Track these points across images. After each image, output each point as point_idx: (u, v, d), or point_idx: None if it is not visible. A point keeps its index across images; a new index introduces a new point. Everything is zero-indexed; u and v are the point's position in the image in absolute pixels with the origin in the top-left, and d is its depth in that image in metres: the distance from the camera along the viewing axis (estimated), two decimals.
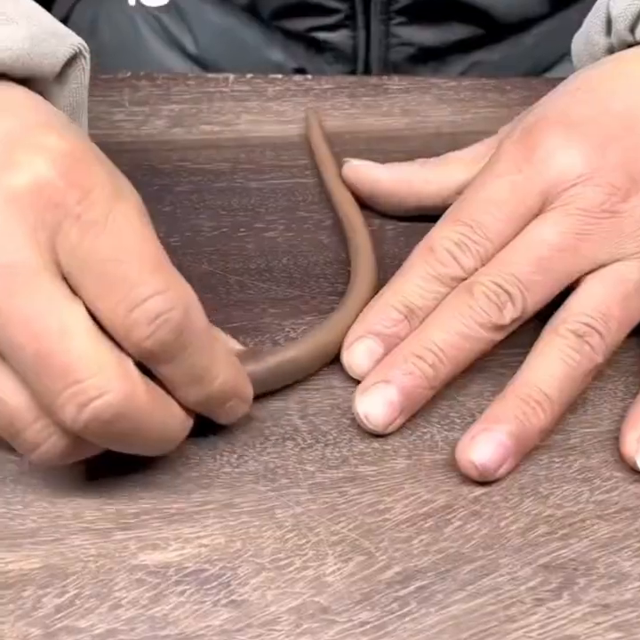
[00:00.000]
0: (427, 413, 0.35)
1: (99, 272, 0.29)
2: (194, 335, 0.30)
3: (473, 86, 0.51)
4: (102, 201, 0.29)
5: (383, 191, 0.42)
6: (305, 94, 0.50)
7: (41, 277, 0.28)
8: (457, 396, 0.35)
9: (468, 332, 0.34)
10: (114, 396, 0.28)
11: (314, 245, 0.42)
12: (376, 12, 0.57)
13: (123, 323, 0.28)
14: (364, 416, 0.34)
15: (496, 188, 0.36)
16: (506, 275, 0.35)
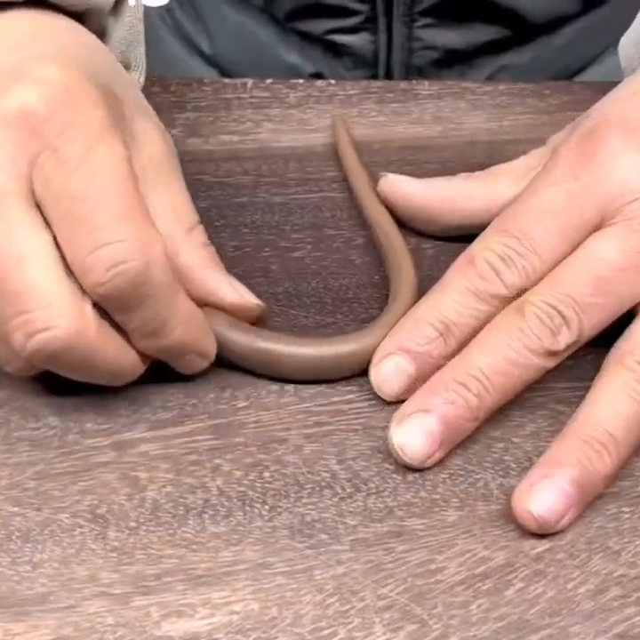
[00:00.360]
0: (479, 457, 0.31)
1: (66, 209, 0.29)
2: (152, 290, 0.30)
3: (509, 91, 0.48)
4: (83, 138, 0.29)
5: (423, 208, 0.38)
6: (329, 100, 0.47)
7: (10, 202, 0.29)
8: (511, 438, 0.32)
9: (517, 358, 0.31)
10: (60, 332, 0.28)
11: (345, 266, 0.38)
12: (399, 14, 0.54)
13: (81, 264, 0.29)
14: (400, 448, 0.31)
15: (549, 196, 0.33)
16: (560, 295, 0.31)
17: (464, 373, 0.31)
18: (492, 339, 0.32)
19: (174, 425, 0.32)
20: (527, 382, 0.32)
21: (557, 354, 0.31)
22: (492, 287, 0.32)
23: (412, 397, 0.32)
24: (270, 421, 0.32)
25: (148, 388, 0.33)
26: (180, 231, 0.33)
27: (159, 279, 0.30)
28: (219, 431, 0.32)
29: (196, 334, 0.32)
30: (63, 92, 0.30)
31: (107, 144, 0.29)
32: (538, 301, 0.31)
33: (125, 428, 0.32)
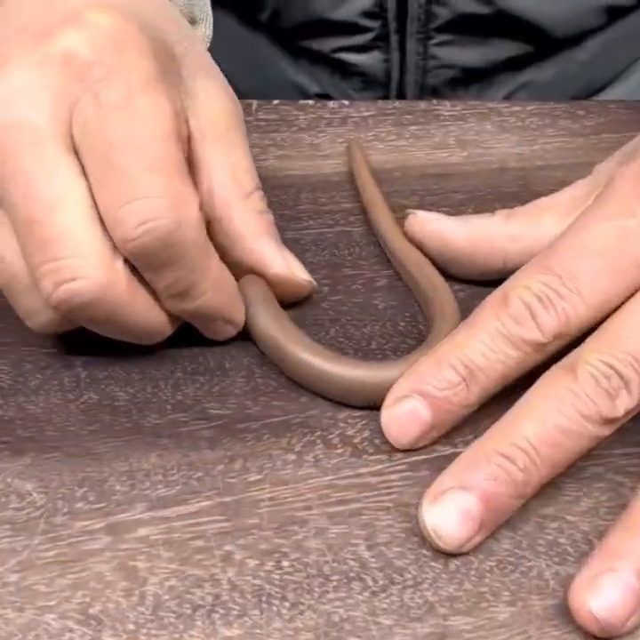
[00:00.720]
0: (530, 540, 0.27)
1: (101, 155, 0.28)
2: (183, 251, 0.29)
3: (539, 111, 0.44)
4: (127, 85, 0.28)
5: (458, 250, 0.34)
6: (342, 123, 0.43)
7: (49, 143, 0.28)
8: (566, 515, 0.28)
9: (569, 426, 0.27)
10: (88, 283, 0.28)
11: (366, 312, 0.34)
12: (412, 31, 0.50)
13: (112, 216, 0.28)
14: (433, 530, 0.26)
15: (600, 232, 0.29)
16: (619, 352, 0.27)
17: (508, 444, 0.27)
18: (540, 403, 0.27)
19: (177, 504, 0.28)
20: (580, 453, 0.27)
21: (615, 421, 0.27)
22: (526, 331, 0.28)
23: (448, 470, 0.28)
24: (288, 498, 0.28)
25: (147, 456, 0.29)
26: (236, 196, 0.32)
27: (191, 240, 0.29)
28: (229, 511, 0.28)
29: (225, 300, 0.31)
30: (110, 39, 0.29)
31: (150, 95, 0.29)
32: (593, 359, 0.27)
33: (121, 507, 0.28)
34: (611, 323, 0.28)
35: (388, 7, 0.49)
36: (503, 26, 0.51)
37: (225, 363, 0.32)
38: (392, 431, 0.29)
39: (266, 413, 0.30)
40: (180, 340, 0.32)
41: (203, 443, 0.29)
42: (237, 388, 0.31)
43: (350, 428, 0.30)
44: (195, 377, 0.32)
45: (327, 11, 0.49)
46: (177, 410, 0.30)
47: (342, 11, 0.49)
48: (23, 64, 0.29)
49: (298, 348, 0.31)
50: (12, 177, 0.28)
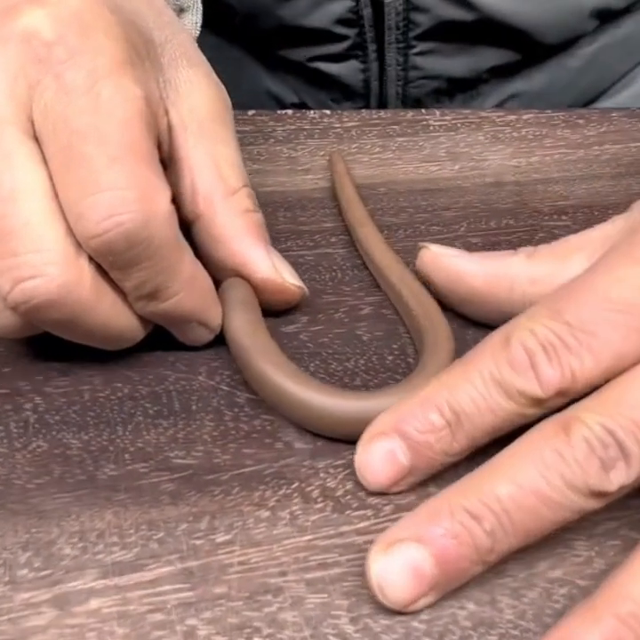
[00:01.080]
0: (536, 609, 0.24)
1: (64, 143, 0.26)
2: (152, 248, 0.26)
3: (537, 120, 0.41)
4: (91, 68, 0.26)
5: (473, 291, 0.30)
6: (323, 135, 0.40)
7: (7, 128, 0.26)
8: (576, 580, 0.24)
9: (550, 494, 0.23)
10: (48, 282, 0.26)
11: (350, 344, 0.31)
12: (391, 40, 0.47)
13: (73, 208, 0.26)
14: (378, 584, 0.23)
15: (624, 279, 0.25)
16: (623, 419, 0.24)
17: (477, 501, 0.24)
18: (522, 460, 0.24)
19: (134, 570, 0.24)
20: (559, 524, 0.24)
21: (606, 495, 0.24)
22: (523, 382, 0.25)
23: (407, 519, 0.24)
24: (260, 563, 0.25)
25: (102, 514, 0.26)
26: (220, 193, 0.30)
27: (160, 236, 0.26)
28: (193, 578, 0.24)
29: (199, 302, 0.29)
30: (75, 18, 0.27)
31: (116, 79, 0.26)
32: (591, 421, 0.24)
33: (70, 575, 0.24)
34: (618, 384, 0.25)
35: (364, 14, 0.46)
36: (488, 33, 0.48)
37: (191, 404, 0.29)
38: (365, 472, 0.26)
39: (236, 463, 0.27)
40: (143, 374, 0.29)
41: (165, 497, 0.26)
42: (205, 434, 0.28)
43: (331, 478, 0.27)
44: (157, 421, 0.28)
45: (300, 17, 0.46)
46: (136, 459, 0.27)
47: (316, 17, 0.46)
48: None
49: (266, 365, 0.28)
50: None
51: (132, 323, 0.28)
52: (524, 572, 0.25)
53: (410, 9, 0.45)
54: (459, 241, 0.35)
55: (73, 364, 0.30)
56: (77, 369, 0.30)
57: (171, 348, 0.30)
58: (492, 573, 0.24)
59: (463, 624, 0.24)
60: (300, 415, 0.28)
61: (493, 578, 0.24)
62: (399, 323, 0.32)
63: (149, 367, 0.30)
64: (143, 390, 0.29)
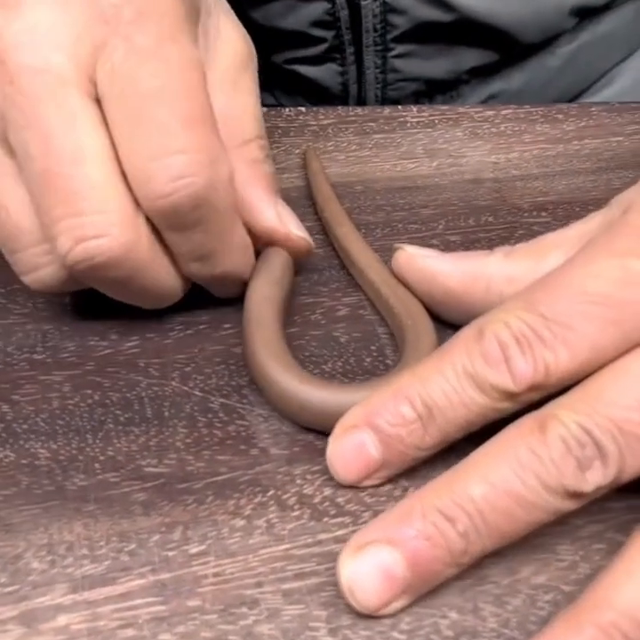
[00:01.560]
0: (520, 617, 0.23)
1: (132, 105, 0.26)
2: (213, 213, 0.27)
3: (515, 116, 0.40)
4: (159, 29, 0.26)
5: (449, 292, 0.29)
6: (299, 132, 0.39)
7: (70, 90, 0.26)
8: (561, 585, 0.23)
9: (525, 494, 0.23)
10: (111, 242, 0.26)
11: (327, 346, 0.30)
12: (369, 43, 0.45)
13: (141, 170, 0.26)
14: (348, 587, 0.23)
15: (600, 271, 0.24)
16: (601, 417, 0.23)
17: (450, 501, 0.23)
18: (496, 460, 0.23)
19: (104, 583, 0.23)
20: (535, 525, 0.23)
21: (582, 496, 0.23)
22: (496, 376, 0.24)
23: (378, 520, 0.23)
24: (236, 573, 0.24)
25: (71, 526, 0.25)
26: (233, 142, 0.30)
27: (222, 201, 0.27)
28: (165, 591, 0.23)
29: (244, 265, 0.30)
30: None
31: (180, 42, 0.27)
32: (568, 420, 0.23)
33: (38, 590, 0.23)
34: (596, 380, 0.24)
35: (341, 17, 0.45)
36: (467, 33, 0.47)
37: (164, 411, 0.28)
38: (336, 465, 0.25)
39: (210, 470, 0.26)
40: (113, 380, 0.28)
41: (136, 508, 0.25)
42: (178, 441, 0.27)
43: (308, 485, 0.26)
44: (128, 428, 0.27)
45: (276, 19, 0.45)
46: (107, 469, 0.26)
47: (292, 20, 0.45)
48: (43, 1, 0.26)
49: (261, 349, 0.28)
50: (29, 125, 0.26)
51: (177, 283, 0.29)
52: (507, 578, 0.24)
53: (387, 11, 0.44)
54: (437, 239, 0.34)
55: (41, 370, 0.29)
56: (45, 376, 0.29)
57: (141, 355, 0.29)
58: (474, 580, 0.24)
59: (445, 634, 0.23)
60: (281, 404, 0.27)
61: (476, 585, 0.24)
62: (377, 324, 0.31)
63: (120, 373, 0.29)
64: (114, 397, 0.28)
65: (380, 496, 0.26)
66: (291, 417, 0.27)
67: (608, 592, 0.21)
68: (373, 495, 0.26)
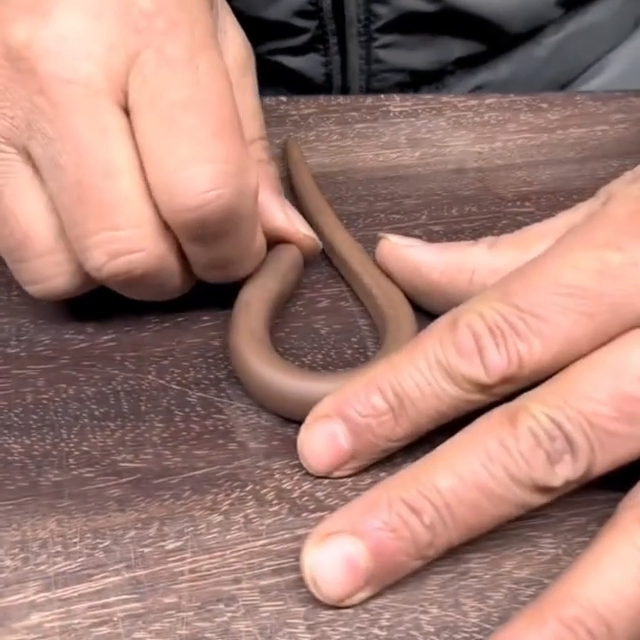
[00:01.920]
0: (503, 612, 0.23)
1: (162, 114, 0.26)
2: (238, 224, 0.27)
3: (499, 105, 0.39)
4: (190, 40, 0.26)
5: (432, 283, 0.29)
6: (280, 122, 0.38)
7: (101, 101, 0.26)
8: (544, 579, 0.23)
9: (493, 487, 0.22)
10: (147, 257, 0.26)
11: (307, 338, 0.30)
12: (352, 33, 0.45)
13: (168, 182, 0.25)
14: (311, 576, 0.22)
15: (576, 263, 0.24)
16: (570, 410, 0.23)
17: (416, 493, 0.22)
18: (464, 451, 0.23)
19: (79, 581, 0.23)
20: (503, 519, 0.23)
21: (551, 491, 0.23)
22: (468, 367, 0.24)
23: (344, 509, 0.23)
24: (213, 570, 0.23)
25: (45, 522, 0.24)
26: None
27: (248, 212, 0.27)
28: (141, 588, 0.23)
29: (255, 266, 0.29)
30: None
31: (209, 51, 0.27)
32: (538, 412, 0.23)
33: (10, 588, 0.23)
34: (569, 372, 0.24)
35: (324, 6, 0.44)
36: (452, 23, 0.46)
37: (140, 405, 0.27)
38: (307, 455, 0.25)
39: (187, 465, 0.26)
40: (89, 374, 0.28)
41: (111, 503, 0.25)
42: (154, 436, 0.26)
43: (287, 479, 0.25)
44: (104, 423, 0.27)
45: (259, 9, 0.45)
46: (81, 464, 0.26)
47: (274, 9, 0.44)
48: (76, 7, 0.26)
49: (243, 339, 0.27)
50: (59, 136, 0.26)
51: (188, 281, 0.29)
52: (488, 572, 0.23)
53: (371, 1, 0.44)
54: (420, 229, 0.33)
55: (14, 365, 0.28)
56: (19, 370, 0.28)
57: (118, 348, 0.29)
58: (455, 574, 0.23)
59: (426, 629, 0.22)
60: (261, 394, 0.27)
61: (457, 579, 0.23)
62: (358, 315, 0.30)
63: (96, 367, 0.28)
64: (89, 391, 0.27)
65: (360, 490, 0.25)
66: (270, 408, 0.27)
67: (572, 587, 0.21)
68: (353, 489, 0.25)
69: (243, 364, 0.27)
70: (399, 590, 0.23)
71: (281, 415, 0.27)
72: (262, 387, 0.26)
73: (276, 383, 0.26)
